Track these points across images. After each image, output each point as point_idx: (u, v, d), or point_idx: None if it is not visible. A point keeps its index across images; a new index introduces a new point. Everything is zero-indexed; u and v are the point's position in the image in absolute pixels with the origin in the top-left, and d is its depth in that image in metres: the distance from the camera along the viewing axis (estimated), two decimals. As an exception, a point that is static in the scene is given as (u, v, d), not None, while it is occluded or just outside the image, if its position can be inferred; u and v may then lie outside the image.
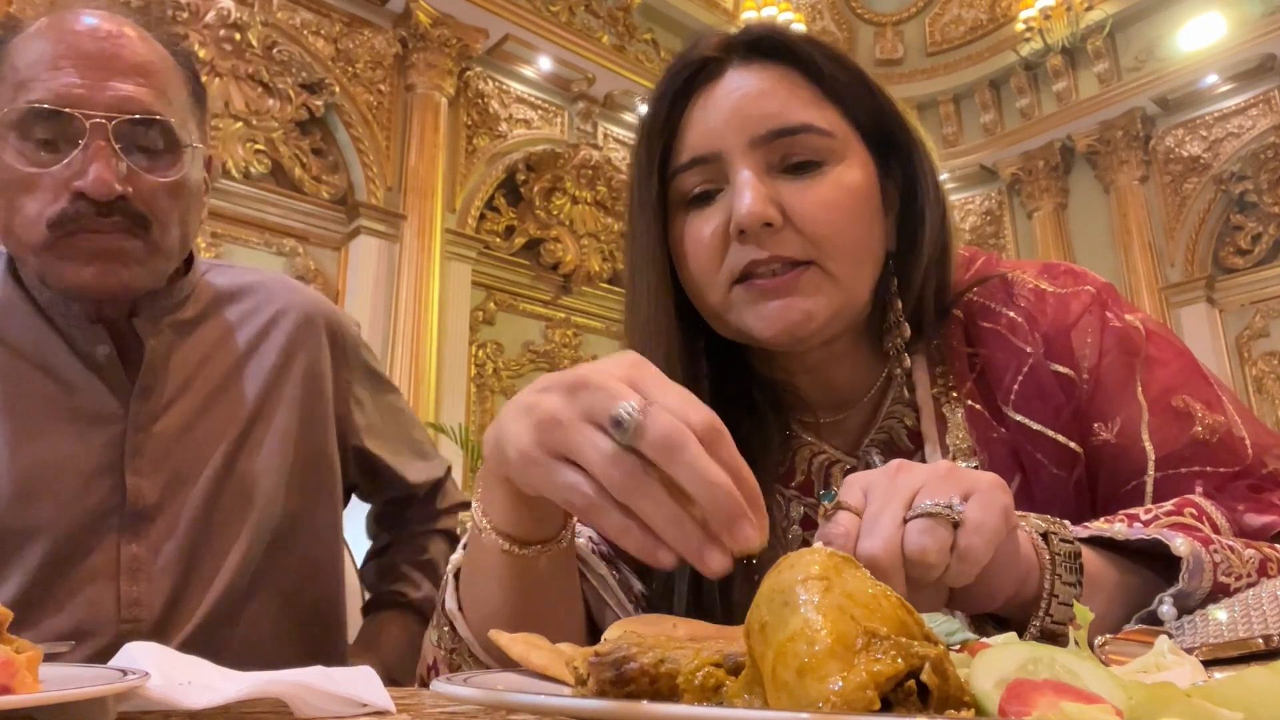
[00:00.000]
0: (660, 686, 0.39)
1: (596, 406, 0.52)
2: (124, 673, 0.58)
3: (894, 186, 0.91)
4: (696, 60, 0.88)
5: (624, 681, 0.39)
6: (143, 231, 1.04)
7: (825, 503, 0.61)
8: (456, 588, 0.76)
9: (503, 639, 0.50)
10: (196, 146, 1.12)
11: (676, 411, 0.51)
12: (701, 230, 0.85)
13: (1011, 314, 0.91)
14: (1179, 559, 0.67)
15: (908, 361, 0.91)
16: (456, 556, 0.77)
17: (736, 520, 0.49)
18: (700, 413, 0.52)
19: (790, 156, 0.83)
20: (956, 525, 0.57)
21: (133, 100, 1.03)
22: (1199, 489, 0.80)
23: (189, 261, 1.23)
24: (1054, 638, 0.64)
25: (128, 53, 1.06)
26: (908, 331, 0.89)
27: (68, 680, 0.56)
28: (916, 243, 0.89)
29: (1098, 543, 0.71)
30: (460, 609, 0.75)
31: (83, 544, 1.05)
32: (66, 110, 1.00)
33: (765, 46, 0.87)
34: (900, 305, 0.89)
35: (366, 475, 1.35)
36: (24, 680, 0.51)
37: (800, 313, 0.82)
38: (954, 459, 0.88)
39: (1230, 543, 0.72)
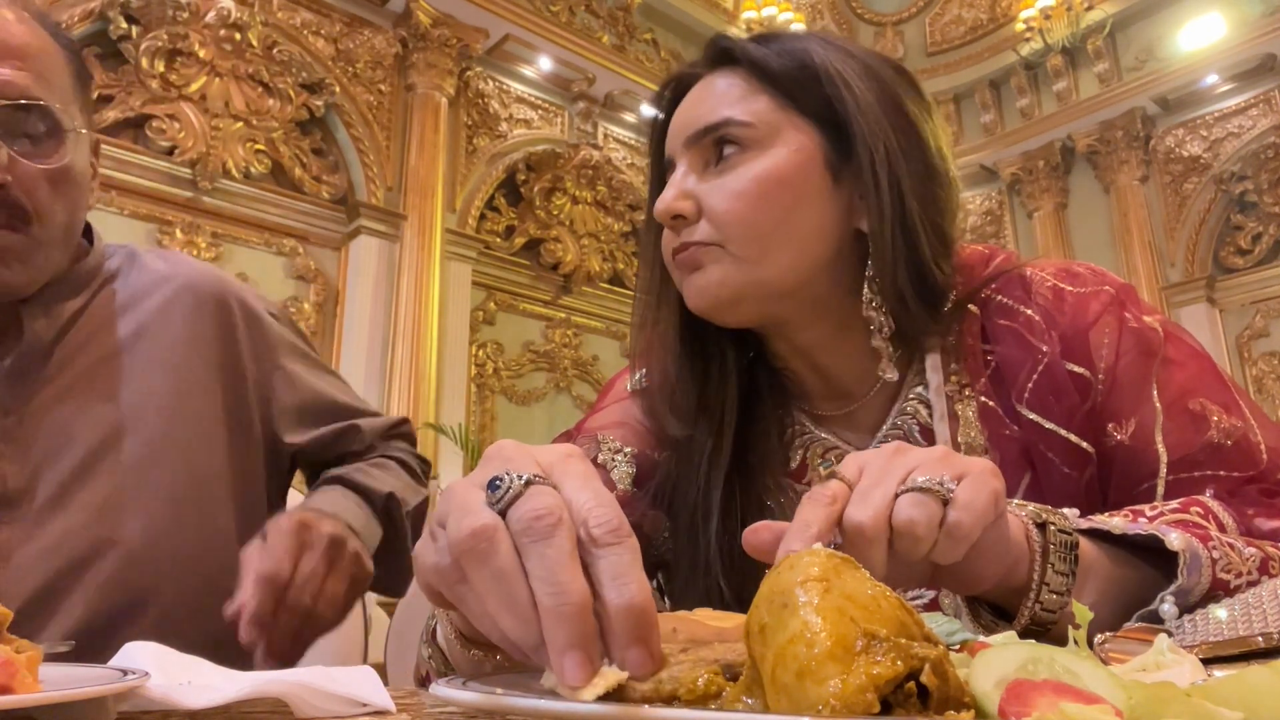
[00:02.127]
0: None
1: (487, 472, 0.47)
2: (124, 672, 0.58)
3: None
4: (679, 77, 1.00)
5: (624, 697, 0.39)
6: (22, 225, 1.00)
7: (821, 469, 0.61)
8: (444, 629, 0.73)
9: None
10: (81, 132, 1.07)
11: (577, 504, 0.44)
12: None
13: (1029, 312, 0.91)
14: (1176, 554, 0.67)
15: (879, 347, 0.90)
16: None
17: (567, 648, 0.40)
18: (605, 514, 0.44)
19: (718, 150, 0.91)
20: (947, 503, 0.57)
21: (10, 84, 0.99)
22: (1210, 493, 0.80)
23: (86, 248, 1.18)
24: (1045, 625, 0.65)
25: (3, 34, 1.01)
26: (880, 320, 0.89)
27: (68, 680, 0.56)
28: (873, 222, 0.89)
29: (1097, 535, 0.71)
30: (448, 647, 0.73)
31: None
32: None
33: (718, 56, 0.96)
34: (876, 286, 0.89)
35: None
36: (24, 680, 0.51)
37: (704, 281, 0.90)
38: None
39: (1231, 540, 0.72)
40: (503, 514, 0.44)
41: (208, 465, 1.15)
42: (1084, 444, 0.86)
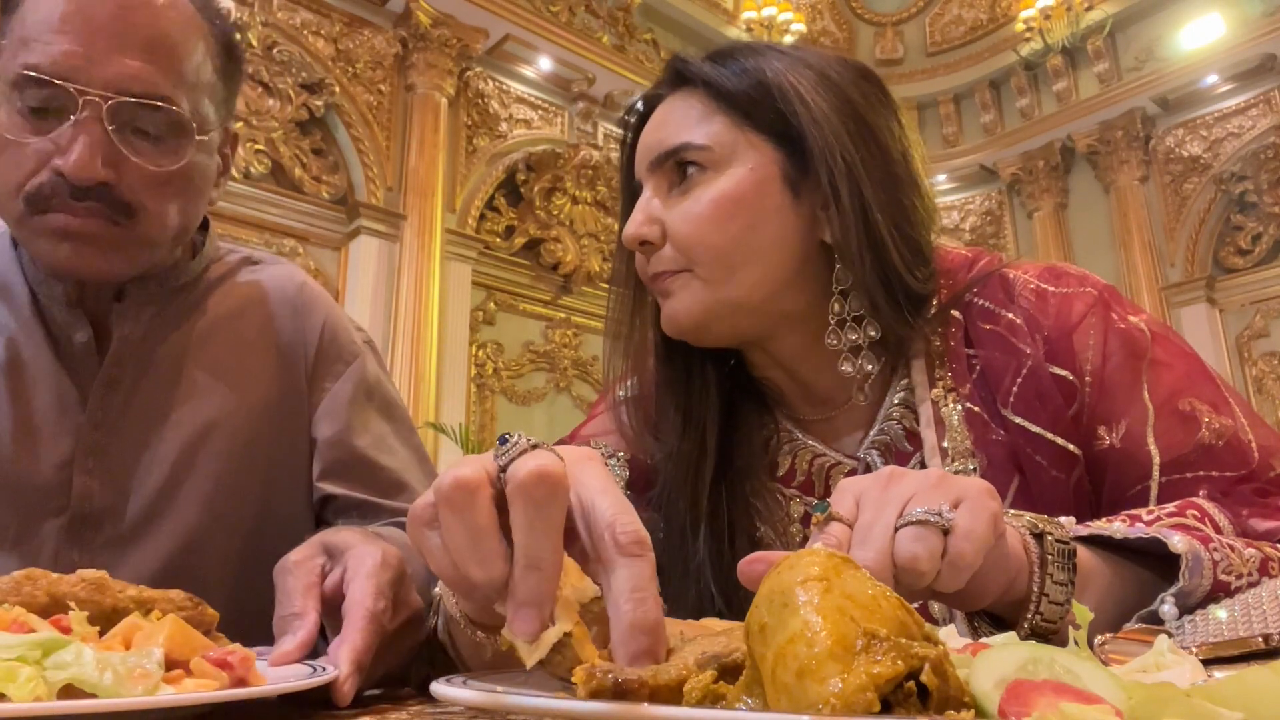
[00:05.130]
0: (659, 698, 0.39)
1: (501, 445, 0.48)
2: (314, 668, 0.60)
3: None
4: (642, 99, 1.01)
5: (622, 695, 0.39)
6: (124, 219, 0.94)
7: (818, 513, 0.61)
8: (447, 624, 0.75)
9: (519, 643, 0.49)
10: (207, 135, 1.01)
11: (600, 509, 0.46)
12: None
13: (1011, 315, 0.91)
14: (1178, 557, 0.67)
15: (852, 366, 0.90)
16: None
17: (524, 604, 0.43)
18: (631, 522, 0.45)
19: (681, 172, 0.92)
20: (946, 532, 0.57)
21: (137, 80, 0.93)
22: (1204, 493, 0.80)
23: (200, 244, 1.13)
24: (1045, 635, 0.65)
25: (143, 21, 0.94)
26: (854, 335, 0.89)
27: (273, 676, 0.58)
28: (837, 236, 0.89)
29: (1096, 541, 0.71)
30: (450, 641, 0.75)
31: (19, 546, 0.95)
32: (59, 82, 0.90)
33: (676, 77, 0.96)
34: (845, 302, 0.89)
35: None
36: (255, 674, 0.54)
37: (673, 310, 0.91)
38: (953, 461, 0.88)
39: (1231, 542, 0.72)
40: (505, 468, 0.46)
41: (286, 497, 1.07)
42: (1070, 446, 0.86)
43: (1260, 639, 0.53)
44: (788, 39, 7.46)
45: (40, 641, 0.47)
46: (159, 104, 0.94)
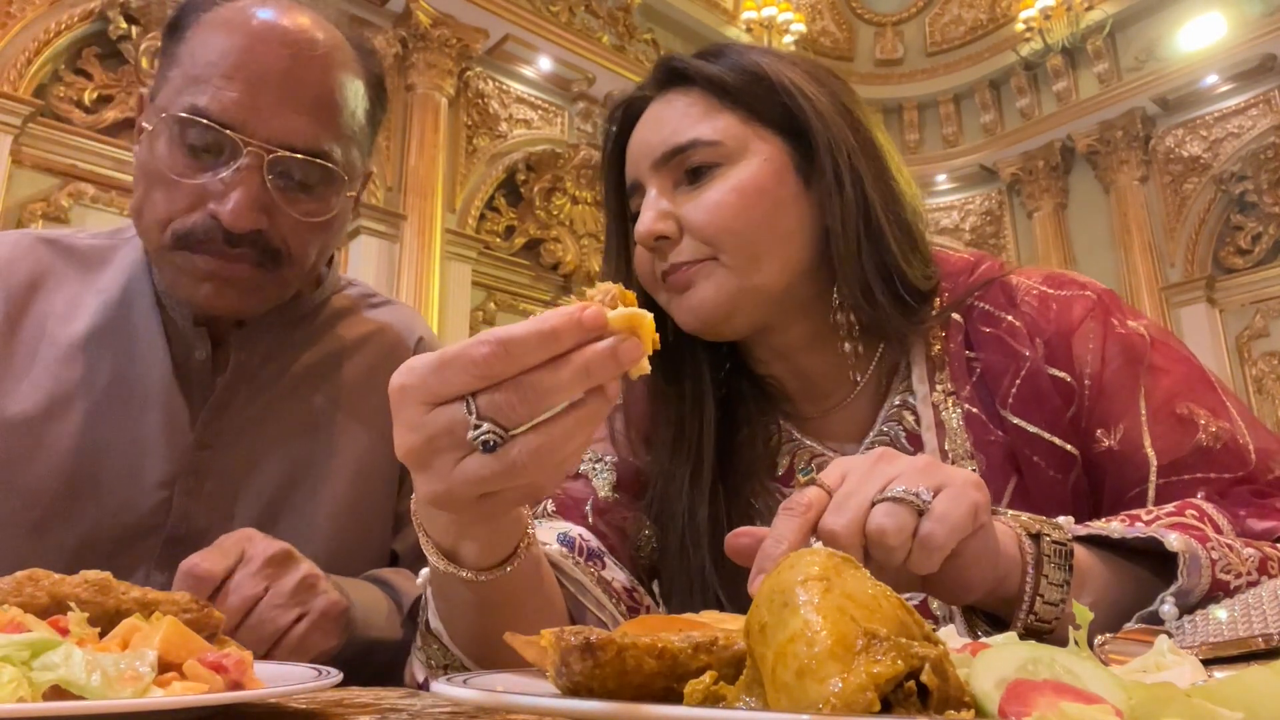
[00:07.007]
0: (627, 658, 0.38)
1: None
2: (319, 671, 0.60)
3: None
4: (628, 101, 1.00)
5: (591, 651, 0.38)
6: (272, 265, 0.97)
7: (800, 477, 0.62)
8: (437, 607, 0.76)
9: (518, 641, 0.49)
10: (354, 183, 1.05)
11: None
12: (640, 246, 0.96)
13: (1011, 318, 0.92)
14: (1175, 556, 0.68)
15: (851, 346, 0.92)
16: (425, 574, 0.77)
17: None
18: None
19: (686, 170, 0.91)
20: (922, 514, 0.58)
21: (300, 135, 0.95)
22: (1202, 495, 0.81)
23: (324, 274, 1.16)
24: (1040, 634, 0.65)
25: (313, 78, 0.97)
26: (848, 321, 0.91)
27: (273, 678, 0.58)
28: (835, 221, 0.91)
29: (1095, 541, 0.72)
30: (443, 626, 0.76)
31: (111, 561, 0.93)
32: (226, 131, 0.93)
33: (669, 76, 0.96)
34: (845, 287, 0.90)
35: None
36: (251, 677, 0.54)
37: (698, 300, 0.90)
38: (953, 464, 0.88)
39: (1229, 541, 0.72)
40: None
41: (369, 549, 1.08)
42: (1068, 446, 0.87)
43: (1260, 639, 0.53)
44: (787, 39, 7.46)
45: (29, 642, 0.47)
46: (317, 160, 0.97)
